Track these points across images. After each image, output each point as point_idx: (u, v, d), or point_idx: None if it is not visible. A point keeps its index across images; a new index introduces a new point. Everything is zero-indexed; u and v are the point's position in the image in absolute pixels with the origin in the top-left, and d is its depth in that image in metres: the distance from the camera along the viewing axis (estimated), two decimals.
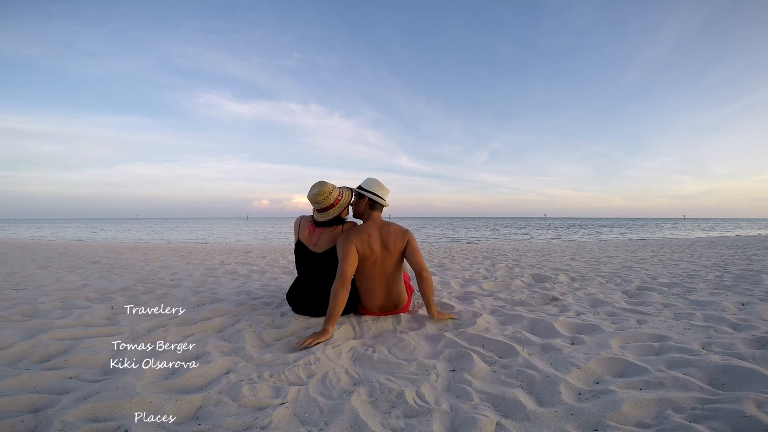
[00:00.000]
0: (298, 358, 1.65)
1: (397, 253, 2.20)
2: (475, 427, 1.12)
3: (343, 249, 2.10)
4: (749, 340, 1.79)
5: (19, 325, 2.07)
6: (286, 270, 4.64)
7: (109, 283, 3.57)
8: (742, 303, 2.62)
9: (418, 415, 1.22)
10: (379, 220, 2.27)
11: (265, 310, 2.54)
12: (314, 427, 1.16)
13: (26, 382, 1.38)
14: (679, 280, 3.74)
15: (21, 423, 1.13)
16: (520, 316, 2.29)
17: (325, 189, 2.17)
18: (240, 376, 1.46)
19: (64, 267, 4.85)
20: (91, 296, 2.93)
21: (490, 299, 2.88)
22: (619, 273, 4.28)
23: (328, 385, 1.42)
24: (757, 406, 1.16)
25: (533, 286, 3.50)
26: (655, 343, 1.80)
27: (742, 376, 1.38)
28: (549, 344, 1.81)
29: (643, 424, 1.14)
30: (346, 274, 2.05)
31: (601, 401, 1.24)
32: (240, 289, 3.28)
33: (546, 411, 1.21)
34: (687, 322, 2.17)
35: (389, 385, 1.40)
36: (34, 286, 3.29)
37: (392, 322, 2.23)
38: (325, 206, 2.18)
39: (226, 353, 1.72)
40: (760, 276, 3.76)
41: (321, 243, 2.25)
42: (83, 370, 1.54)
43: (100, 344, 1.80)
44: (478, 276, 4.12)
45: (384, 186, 2.32)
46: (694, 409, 1.19)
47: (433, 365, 1.59)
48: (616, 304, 2.68)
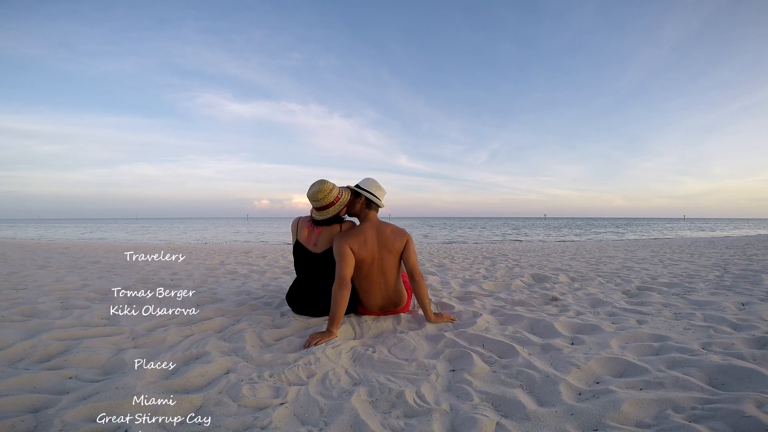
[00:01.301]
0: (298, 358, 1.65)
1: (396, 254, 2.20)
2: (475, 427, 1.12)
3: (339, 251, 2.09)
4: (749, 340, 1.79)
5: (19, 325, 2.07)
6: (286, 270, 4.64)
7: (109, 283, 3.56)
8: (742, 303, 2.62)
9: (418, 415, 1.22)
10: (375, 220, 2.25)
11: (265, 310, 2.54)
12: (314, 427, 1.16)
13: (26, 382, 1.38)
14: (679, 280, 3.74)
15: (21, 423, 1.13)
16: (520, 316, 2.29)
17: (325, 187, 2.17)
18: (240, 376, 1.46)
19: (64, 267, 4.85)
20: (91, 296, 2.93)
21: (490, 299, 2.88)
22: (619, 273, 4.28)
23: (328, 385, 1.42)
24: (757, 406, 1.16)
25: (533, 286, 3.50)
26: (655, 343, 1.80)
27: (742, 376, 1.38)
28: (549, 344, 1.81)
29: (643, 424, 1.14)
30: (344, 276, 2.04)
31: (601, 401, 1.24)
32: (240, 289, 3.28)
33: (546, 411, 1.21)
34: (687, 322, 2.17)
35: (389, 385, 1.40)
36: (34, 286, 3.29)
37: (392, 322, 2.23)
38: (324, 204, 2.18)
39: (226, 353, 1.72)
40: (760, 276, 3.76)
41: (321, 243, 2.25)
42: (83, 370, 1.54)
43: (100, 344, 1.80)
44: (478, 276, 4.12)
45: (381, 186, 2.30)
46: (694, 409, 1.19)
47: (433, 365, 1.59)
48: (616, 304, 2.68)
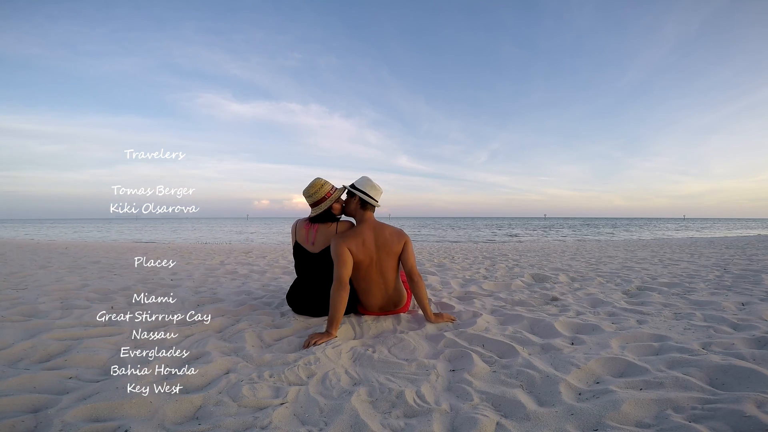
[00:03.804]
0: (298, 358, 1.65)
1: (394, 255, 2.19)
2: (475, 427, 1.12)
3: (336, 252, 2.08)
4: (749, 340, 1.79)
5: (19, 325, 2.07)
6: (286, 270, 4.64)
7: (109, 283, 3.57)
8: (742, 303, 2.62)
9: (418, 415, 1.22)
10: (372, 221, 2.23)
11: (265, 310, 2.54)
12: (314, 427, 1.16)
13: (26, 382, 1.38)
14: (679, 280, 3.73)
15: (21, 423, 1.13)
16: (520, 316, 2.29)
17: (317, 182, 2.27)
18: (240, 376, 1.46)
19: (64, 267, 4.85)
20: (91, 296, 2.93)
21: (490, 299, 2.88)
22: (619, 273, 4.28)
23: (328, 385, 1.42)
24: (757, 406, 1.16)
25: (533, 286, 3.50)
26: (655, 343, 1.80)
27: (742, 376, 1.38)
28: (549, 344, 1.81)
29: (643, 424, 1.14)
30: (342, 278, 2.03)
31: (601, 401, 1.24)
32: (240, 289, 3.28)
33: (546, 411, 1.21)
34: (687, 322, 2.17)
35: (389, 385, 1.40)
36: (34, 286, 3.29)
37: (392, 322, 2.23)
38: (317, 199, 2.24)
39: (226, 353, 1.73)
40: (760, 276, 3.75)
41: (318, 242, 2.27)
42: (83, 370, 1.54)
43: (100, 344, 1.80)
44: (478, 276, 4.12)
45: (377, 186, 2.26)
46: (694, 409, 1.19)
47: (433, 365, 1.59)
48: (616, 304, 2.68)
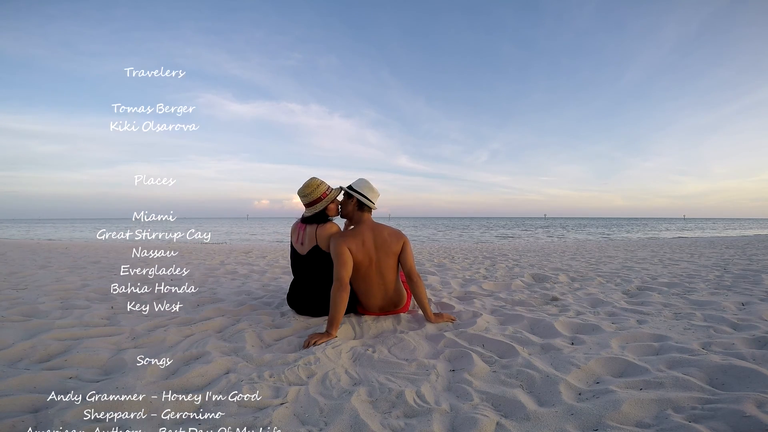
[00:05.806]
0: (298, 358, 1.65)
1: (394, 256, 2.19)
2: (475, 427, 1.12)
3: (336, 252, 2.07)
4: (749, 340, 1.79)
5: (19, 325, 2.07)
6: (286, 270, 4.64)
7: (109, 283, 3.56)
8: (742, 303, 2.62)
9: (418, 415, 1.22)
10: (370, 222, 2.24)
11: (265, 310, 2.54)
12: (314, 427, 1.16)
13: (26, 382, 1.38)
14: (679, 280, 3.73)
15: (21, 423, 1.13)
16: (520, 316, 2.29)
17: (313, 182, 2.24)
18: (240, 376, 1.46)
19: (64, 267, 4.85)
20: (91, 296, 2.93)
21: (490, 299, 2.87)
22: (619, 273, 4.28)
23: (328, 385, 1.42)
24: (757, 406, 1.16)
25: (533, 286, 3.50)
26: (655, 343, 1.80)
27: (742, 376, 1.38)
28: (549, 344, 1.81)
29: (643, 424, 1.14)
30: (342, 278, 2.03)
31: (601, 401, 1.24)
32: (240, 289, 3.28)
33: (546, 411, 1.21)
34: (687, 322, 2.17)
35: (389, 385, 1.40)
36: (34, 286, 3.29)
37: (392, 322, 2.23)
38: (312, 200, 2.22)
39: (226, 353, 1.73)
40: (760, 276, 3.75)
41: (306, 243, 2.27)
42: (83, 370, 1.54)
43: (100, 344, 1.80)
44: (478, 276, 4.12)
45: (374, 188, 2.26)
46: (694, 409, 1.19)
47: (433, 365, 1.59)
48: (616, 304, 2.68)
